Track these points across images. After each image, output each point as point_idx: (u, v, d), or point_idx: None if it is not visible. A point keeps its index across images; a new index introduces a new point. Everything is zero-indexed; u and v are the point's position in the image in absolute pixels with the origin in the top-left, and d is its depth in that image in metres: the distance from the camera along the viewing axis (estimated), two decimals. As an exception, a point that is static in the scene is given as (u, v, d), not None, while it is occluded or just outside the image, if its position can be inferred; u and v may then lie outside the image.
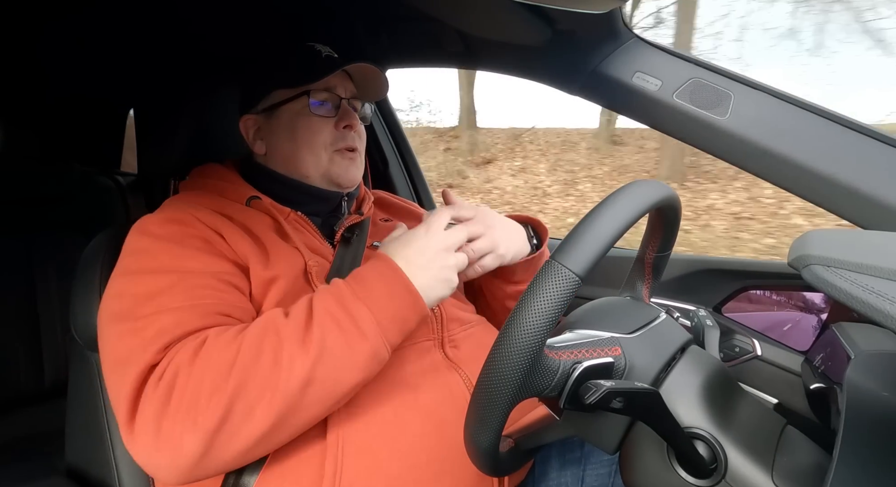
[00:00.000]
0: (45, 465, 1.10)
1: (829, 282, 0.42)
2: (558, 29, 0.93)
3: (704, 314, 0.77)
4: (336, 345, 0.64)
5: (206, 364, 0.62)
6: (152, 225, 0.75)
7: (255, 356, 0.62)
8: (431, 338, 0.81)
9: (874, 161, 0.75)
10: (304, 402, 0.63)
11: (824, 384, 0.72)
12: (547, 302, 0.48)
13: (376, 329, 0.66)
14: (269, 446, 0.64)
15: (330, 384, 0.64)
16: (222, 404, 0.60)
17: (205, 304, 0.68)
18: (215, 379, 0.61)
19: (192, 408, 0.60)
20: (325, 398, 0.64)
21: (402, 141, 1.63)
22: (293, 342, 0.63)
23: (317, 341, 0.63)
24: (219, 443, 0.60)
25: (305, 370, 0.62)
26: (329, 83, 0.86)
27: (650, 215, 0.68)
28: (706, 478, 0.54)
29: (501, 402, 0.51)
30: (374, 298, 0.67)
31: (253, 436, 0.61)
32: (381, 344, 0.66)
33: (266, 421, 0.61)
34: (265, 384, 0.61)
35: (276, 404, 0.61)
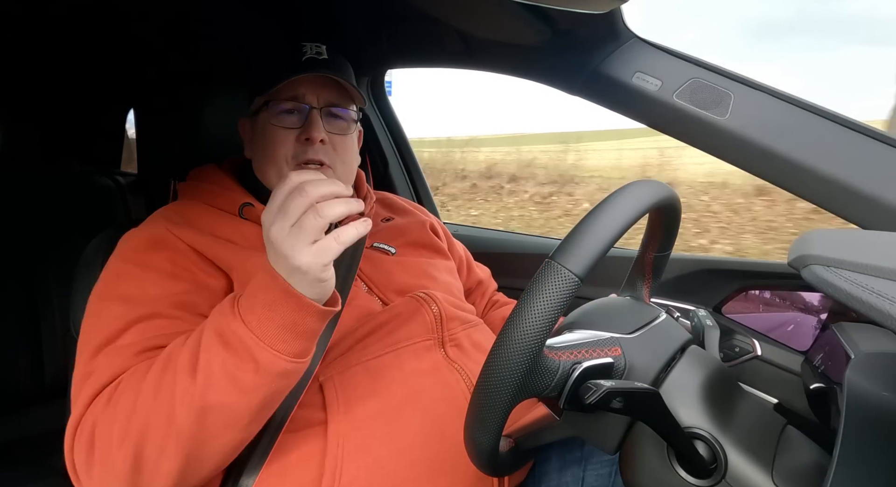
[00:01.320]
0: (45, 465, 1.10)
1: (829, 282, 0.42)
2: (558, 29, 0.93)
3: (704, 313, 0.77)
4: (224, 368, 0.60)
5: (115, 411, 0.62)
6: (128, 248, 0.76)
7: (154, 394, 0.61)
8: (431, 338, 0.81)
9: (874, 161, 0.75)
10: (207, 432, 0.60)
11: (824, 384, 0.72)
12: (546, 303, 0.48)
13: (260, 345, 0.59)
14: (198, 476, 0.64)
15: (227, 410, 0.60)
16: (131, 450, 0.60)
17: (141, 340, 0.68)
18: (121, 426, 0.61)
19: (108, 457, 0.61)
20: (229, 424, 0.61)
21: (403, 141, 1.63)
22: (184, 374, 0.60)
23: (203, 368, 0.60)
24: (142, 481, 0.62)
25: (196, 401, 0.59)
26: (296, 91, 0.81)
27: (650, 215, 0.68)
28: (706, 478, 0.54)
29: (501, 403, 0.51)
30: (255, 311, 0.60)
31: (172, 472, 0.61)
32: (272, 358, 0.60)
33: (178, 457, 0.61)
34: (166, 422, 0.60)
35: (178, 440, 0.60)
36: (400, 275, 0.89)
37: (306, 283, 0.59)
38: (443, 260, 1.01)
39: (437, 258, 1.00)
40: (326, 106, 0.83)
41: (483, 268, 1.16)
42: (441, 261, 1.00)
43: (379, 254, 0.92)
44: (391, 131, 1.62)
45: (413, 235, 1.00)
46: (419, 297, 0.84)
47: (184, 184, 0.89)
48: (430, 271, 0.93)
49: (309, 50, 0.83)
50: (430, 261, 0.97)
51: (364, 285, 0.87)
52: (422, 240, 1.00)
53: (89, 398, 0.66)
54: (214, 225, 0.80)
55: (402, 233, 0.99)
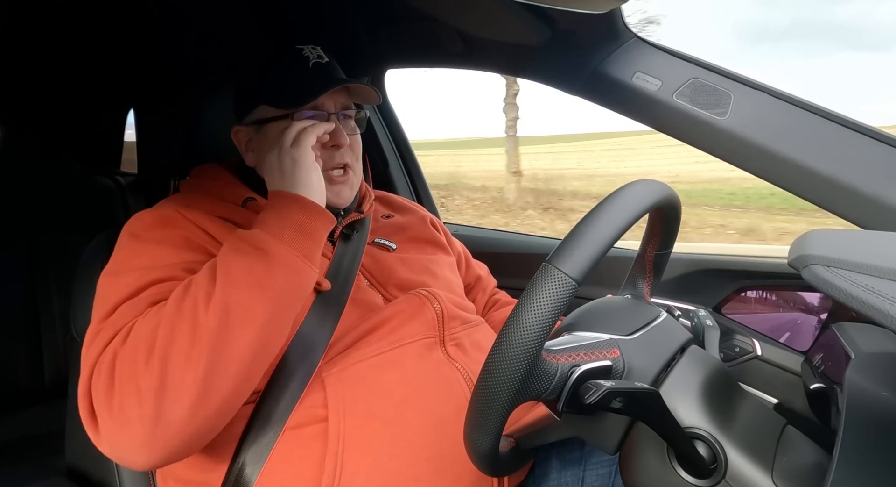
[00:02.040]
0: (45, 465, 1.10)
1: (829, 282, 0.42)
2: (558, 29, 0.93)
3: (704, 314, 0.77)
4: (240, 268, 0.66)
5: (136, 337, 0.64)
6: (139, 226, 0.77)
7: (177, 306, 0.64)
8: (432, 336, 0.81)
9: (874, 161, 0.75)
10: (230, 330, 0.63)
11: (824, 384, 0.72)
12: (543, 307, 0.48)
13: (273, 241, 0.68)
14: (219, 395, 0.63)
15: (247, 306, 0.64)
16: (157, 362, 0.61)
17: (158, 292, 0.69)
18: (147, 343, 0.62)
19: (132, 377, 0.61)
20: (248, 322, 0.64)
21: (403, 141, 1.63)
22: (204, 282, 0.65)
23: (222, 272, 0.65)
24: (166, 402, 0.61)
25: (219, 299, 0.63)
26: (316, 101, 0.83)
27: (650, 214, 0.68)
28: (706, 478, 0.54)
29: (499, 406, 0.51)
30: (266, 221, 0.71)
31: (197, 382, 0.61)
32: (285, 252, 0.68)
33: (202, 362, 0.61)
34: (191, 326, 0.62)
35: (204, 341, 0.62)
36: (401, 271, 0.89)
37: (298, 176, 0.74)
38: (444, 255, 1.01)
39: (438, 254, 1.00)
40: (342, 110, 0.87)
41: (482, 265, 1.16)
42: (442, 256, 1.00)
43: (380, 250, 0.92)
44: (391, 131, 1.62)
45: (414, 230, 1.00)
46: (422, 294, 0.84)
47: (186, 182, 0.90)
48: (431, 267, 0.93)
49: (311, 54, 0.85)
50: (432, 257, 0.97)
51: (365, 280, 0.87)
52: (423, 236, 1.00)
53: (108, 338, 0.66)
54: (222, 211, 0.81)
55: (403, 229, 0.99)
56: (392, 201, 1.08)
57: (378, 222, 0.98)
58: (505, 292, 1.15)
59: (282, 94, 0.83)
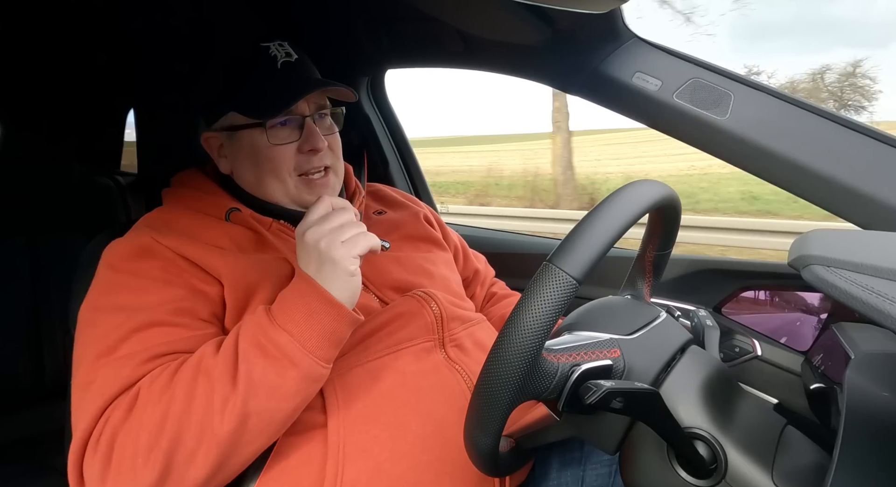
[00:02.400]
0: (45, 465, 1.10)
1: (829, 282, 0.42)
2: (558, 29, 0.93)
3: (704, 314, 0.77)
4: (265, 377, 0.63)
5: (140, 421, 0.61)
6: (116, 257, 0.74)
7: (187, 403, 0.62)
8: (432, 339, 0.80)
9: (874, 161, 0.75)
10: (244, 438, 0.63)
11: (824, 384, 0.72)
12: (544, 306, 0.48)
13: (301, 352, 0.64)
14: (220, 483, 0.65)
15: (267, 416, 0.63)
16: (160, 460, 0.60)
17: (149, 347, 0.67)
18: (150, 436, 0.60)
19: (131, 469, 0.60)
20: (264, 430, 0.64)
21: (403, 141, 1.63)
22: (223, 382, 0.62)
23: (244, 375, 0.62)
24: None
25: (238, 408, 0.61)
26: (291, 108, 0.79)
27: (650, 215, 0.68)
28: (706, 478, 0.54)
29: (500, 406, 0.51)
30: (296, 321, 0.65)
31: (199, 481, 0.62)
32: (312, 364, 0.65)
33: (208, 465, 0.61)
34: (202, 431, 0.61)
35: (214, 447, 0.61)
36: (396, 271, 0.88)
37: (337, 276, 0.66)
38: (440, 252, 0.99)
39: (434, 250, 0.98)
40: (317, 111, 0.82)
41: (479, 257, 1.14)
42: (438, 253, 0.98)
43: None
44: (391, 131, 1.62)
45: (408, 228, 0.98)
46: (419, 296, 0.83)
47: (168, 190, 0.87)
48: (427, 266, 0.92)
49: (278, 53, 0.79)
50: (427, 255, 0.95)
51: None
52: (417, 233, 0.99)
53: (99, 409, 0.64)
54: (201, 231, 0.78)
55: (397, 227, 0.97)
56: (384, 195, 1.06)
57: (370, 219, 0.96)
58: (502, 283, 1.14)
59: (251, 100, 0.78)
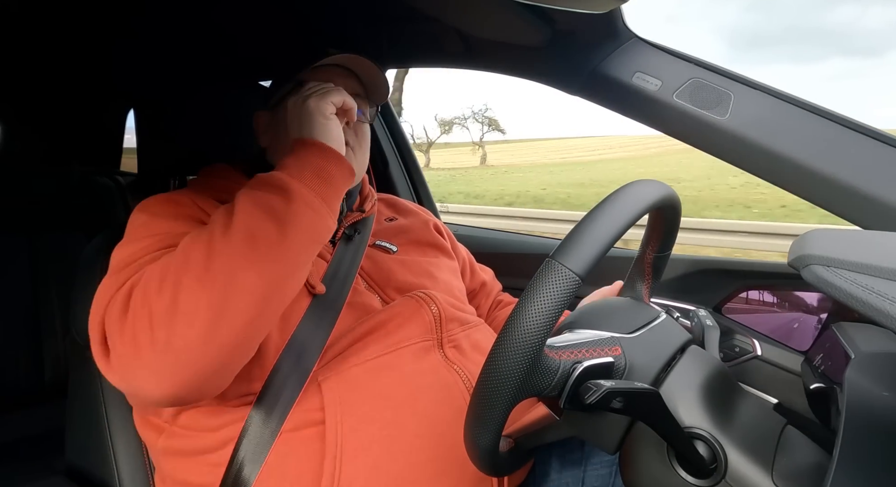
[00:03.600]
0: (45, 465, 1.10)
1: (829, 282, 0.42)
2: (558, 29, 0.94)
3: (704, 313, 0.77)
4: (261, 202, 0.66)
5: (151, 269, 0.64)
6: (151, 204, 0.78)
7: (192, 238, 0.65)
8: (430, 339, 0.81)
9: (874, 161, 0.75)
10: (245, 259, 0.63)
11: (824, 384, 0.71)
12: (547, 302, 0.48)
13: (294, 182, 0.69)
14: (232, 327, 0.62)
15: (266, 236, 0.64)
16: (170, 287, 0.61)
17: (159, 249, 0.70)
18: (161, 272, 0.63)
19: (145, 303, 0.61)
20: (265, 254, 0.64)
21: (403, 141, 1.63)
22: (221, 216, 0.67)
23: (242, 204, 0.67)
24: (178, 325, 0.60)
25: (237, 226, 0.64)
26: (330, 76, 0.85)
27: (650, 215, 0.68)
28: (706, 478, 0.54)
29: (501, 402, 0.51)
30: (286, 164, 0.72)
31: (208, 308, 0.60)
32: (307, 192, 0.69)
33: (215, 287, 0.61)
34: (205, 253, 0.63)
35: (217, 266, 0.62)
36: (400, 273, 0.89)
37: (314, 122, 0.74)
38: (446, 259, 1.01)
39: (440, 257, 1.00)
40: (354, 95, 0.87)
41: (486, 270, 1.16)
42: (444, 260, 1.00)
43: (380, 252, 0.92)
44: (391, 131, 1.62)
45: (416, 233, 1.00)
46: (419, 297, 0.84)
47: (195, 179, 0.90)
48: (432, 270, 0.93)
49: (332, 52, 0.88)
50: (433, 260, 0.97)
51: (364, 282, 0.87)
52: (425, 239, 1.00)
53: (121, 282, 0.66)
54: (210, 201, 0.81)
55: (405, 232, 0.99)
56: (396, 203, 1.08)
57: (381, 224, 0.98)
58: (509, 294, 1.15)
59: (293, 63, 0.87)
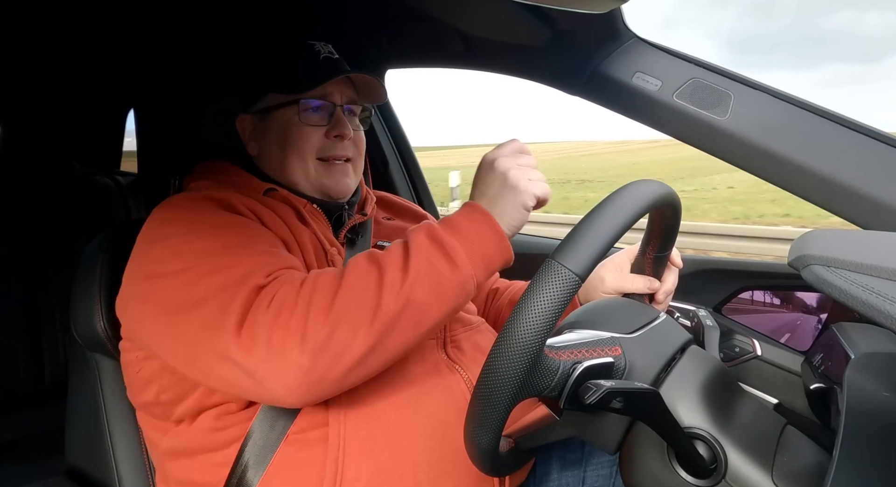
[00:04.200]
0: (45, 465, 1.10)
1: (829, 282, 0.42)
2: (558, 29, 0.94)
3: (704, 313, 0.77)
4: (432, 272, 0.66)
5: (313, 288, 0.64)
6: (186, 200, 0.76)
7: (360, 279, 0.65)
8: (433, 338, 0.81)
9: (874, 161, 0.75)
10: (401, 324, 0.64)
11: (824, 384, 0.72)
12: (547, 302, 0.48)
13: (466, 260, 0.68)
14: (362, 374, 0.65)
15: (424, 308, 0.66)
16: (329, 322, 0.62)
17: (283, 257, 0.71)
18: (323, 300, 0.63)
19: (301, 325, 0.61)
20: (418, 323, 0.66)
21: (403, 141, 1.63)
22: (395, 268, 0.66)
23: (414, 266, 0.66)
24: (324, 360, 0.61)
25: (405, 291, 0.64)
26: (324, 90, 0.84)
27: (650, 216, 0.68)
28: (706, 478, 0.54)
29: (501, 402, 0.51)
30: (465, 235, 0.69)
31: (356, 355, 0.63)
32: (470, 275, 0.68)
33: (368, 340, 0.63)
34: (369, 304, 0.63)
35: (377, 323, 0.63)
36: None
37: (515, 206, 0.70)
38: None
39: None
40: (348, 103, 0.88)
41: None
42: None
43: None
44: (391, 132, 1.62)
45: None
46: None
47: (192, 177, 0.88)
48: None
49: (321, 49, 0.86)
50: None
51: None
52: None
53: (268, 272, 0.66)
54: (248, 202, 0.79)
55: (402, 232, 0.98)
56: (392, 202, 1.08)
57: (380, 223, 0.98)
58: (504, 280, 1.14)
59: (291, 80, 0.84)
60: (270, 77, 0.87)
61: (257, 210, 0.78)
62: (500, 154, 0.73)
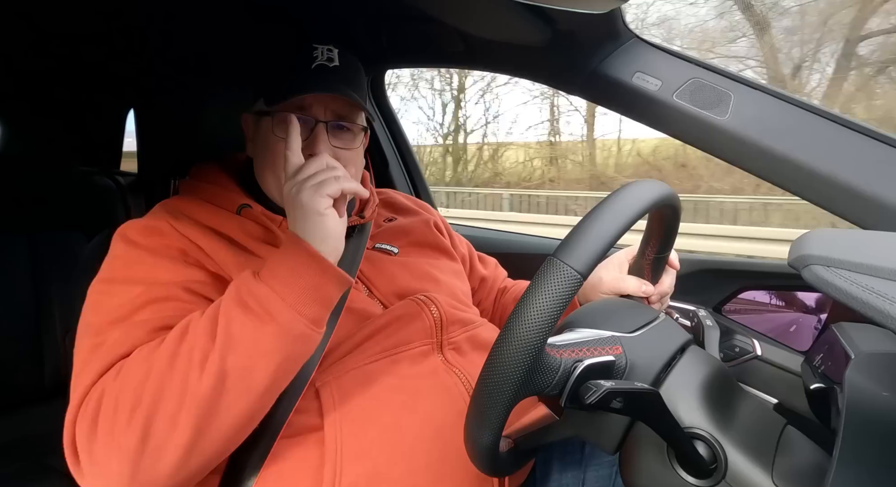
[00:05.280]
0: (44, 465, 1.10)
1: (829, 282, 0.42)
2: (558, 29, 0.93)
3: (704, 313, 0.77)
4: (243, 331, 0.61)
5: (124, 381, 0.60)
6: (132, 232, 0.74)
7: (170, 361, 0.60)
8: (429, 342, 0.80)
9: (874, 161, 0.75)
10: (224, 400, 0.60)
11: (824, 384, 0.72)
12: (549, 299, 0.48)
13: (282, 306, 0.62)
14: (204, 456, 0.61)
15: (245, 375, 0.61)
16: (140, 421, 0.58)
17: (162, 317, 0.66)
18: (132, 396, 0.59)
19: (113, 430, 0.59)
20: (243, 393, 0.61)
21: (403, 141, 1.63)
22: (203, 339, 0.61)
23: (222, 330, 0.61)
24: (145, 462, 0.58)
25: (216, 364, 0.59)
26: (303, 102, 0.78)
27: (650, 216, 0.68)
28: (706, 478, 0.54)
29: (502, 400, 0.51)
30: (278, 277, 0.63)
31: (180, 447, 0.59)
32: (292, 319, 0.62)
33: (188, 429, 0.59)
34: (183, 389, 0.59)
35: (193, 408, 0.59)
36: (402, 276, 0.88)
37: (307, 218, 0.65)
38: (448, 261, 0.99)
39: (442, 259, 0.98)
40: (334, 119, 0.80)
41: (488, 261, 1.13)
42: (446, 262, 0.98)
43: (380, 255, 0.90)
44: (391, 131, 1.62)
45: (417, 234, 0.98)
46: (419, 300, 0.82)
47: (185, 182, 0.88)
48: (434, 272, 0.92)
49: (320, 54, 0.79)
50: (434, 262, 0.95)
51: (365, 288, 0.85)
52: (426, 240, 0.99)
53: (101, 368, 0.63)
54: (215, 221, 0.78)
55: (406, 233, 0.97)
56: (395, 202, 1.06)
57: (380, 226, 0.96)
58: (511, 280, 1.12)
59: (272, 88, 0.80)
60: (260, 81, 0.83)
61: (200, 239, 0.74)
62: (285, 181, 0.69)
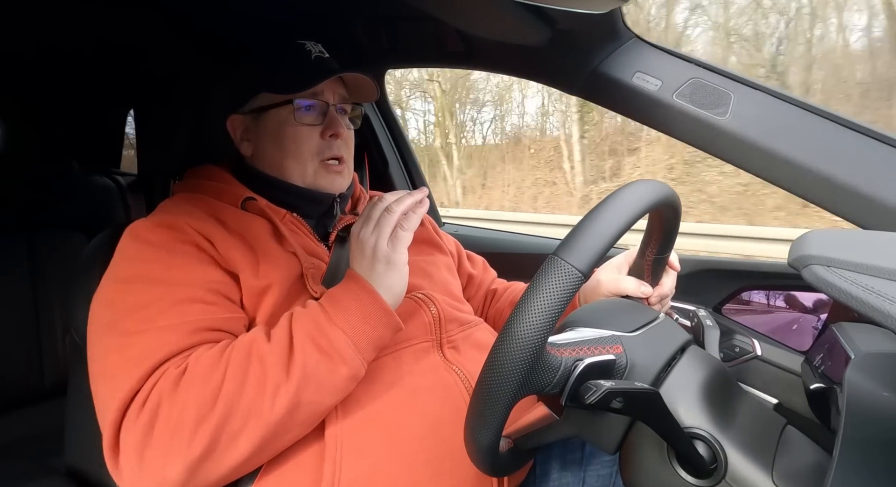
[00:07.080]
0: (45, 465, 1.10)
1: (829, 282, 0.42)
2: (558, 29, 0.94)
3: (704, 313, 0.77)
4: (318, 370, 0.66)
5: (188, 393, 0.62)
6: (144, 230, 0.75)
7: (240, 383, 0.63)
8: (429, 339, 0.80)
9: (874, 161, 0.75)
10: (288, 425, 0.65)
11: (824, 384, 0.72)
12: (550, 298, 0.48)
13: (354, 352, 0.68)
14: (254, 465, 0.66)
15: (313, 407, 0.66)
16: (207, 434, 0.61)
17: (191, 321, 0.68)
18: (200, 409, 0.61)
19: (175, 437, 0.60)
20: (307, 421, 0.67)
21: (402, 141, 1.63)
22: (277, 370, 0.64)
23: (299, 367, 0.65)
24: (203, 470, 0.62)
25: (290, 396, 0.64)
26: (316, 89, 0.84)
27: (650, 217, 0.68)
28: (706, 478, 0.54)
29: (503, 399, 0.51)
30: (351, 322, 0.69)
31: (237, 461, 0.63)
32: (360, 365, 0.69)
33: (249, 447, 0.63)
34: (250, 412, 0.62)
35: (259, 430, 0.63)
36: None
37: (385, 270, 0.71)
38: (441, 256, 1.00)
39: (435, 254, 0.99)
40: (340, 102, 0.88)
41: (476, 260, 1.14)
42: (440, 257, 0.99)
43: None
44: (391, 131, 1.62)
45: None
46: (418, 298, 0.83)
47: (181, 183, 0.88)
48: (429, 269, 0.93)
49: (312, 48, 0.86)
50: (429, 258, 0.96)
51: None
52: (420, 236, 0.99)
53: (146, 373, 0.64)
54: (222, 215, 0.79)
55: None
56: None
57: None
58: (502, 280, 1.13)
59: (283, 80, 0.83)
60: (261, 77, 0.86)
61: (212, 234, 0.75)
62: (361, 228, 0.73)
